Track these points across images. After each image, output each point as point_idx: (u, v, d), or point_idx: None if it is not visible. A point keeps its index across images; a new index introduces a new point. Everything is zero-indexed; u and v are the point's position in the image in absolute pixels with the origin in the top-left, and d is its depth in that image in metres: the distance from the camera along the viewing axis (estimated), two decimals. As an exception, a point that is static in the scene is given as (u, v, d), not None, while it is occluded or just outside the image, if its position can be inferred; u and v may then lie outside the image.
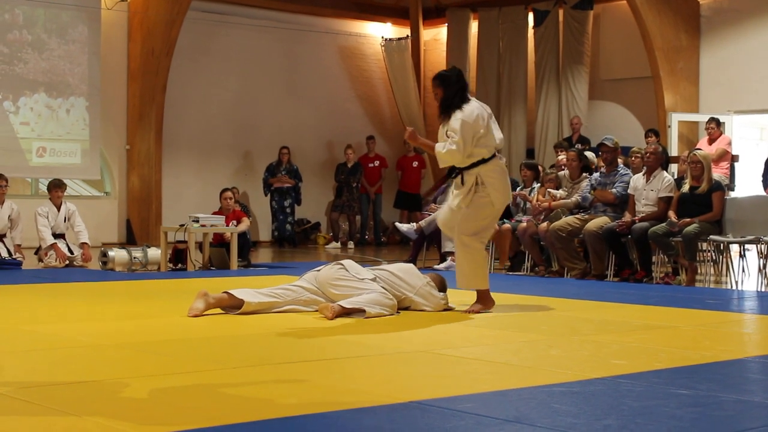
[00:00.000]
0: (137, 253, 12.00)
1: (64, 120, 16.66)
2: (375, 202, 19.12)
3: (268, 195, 18.11)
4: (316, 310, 7.20)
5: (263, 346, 5.80)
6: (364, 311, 7.02)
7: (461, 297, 7.89)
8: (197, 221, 11.89)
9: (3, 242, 12.53)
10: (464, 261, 7.74)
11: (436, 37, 20.94)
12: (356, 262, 7.69)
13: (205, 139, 18.48)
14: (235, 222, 12.45)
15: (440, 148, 7.63)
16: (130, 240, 17.18)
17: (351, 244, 18.17)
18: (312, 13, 19.70)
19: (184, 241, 12.04)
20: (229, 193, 12.92)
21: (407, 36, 20.34)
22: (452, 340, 6.11)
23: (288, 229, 18.01)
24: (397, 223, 14.08)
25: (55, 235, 12.68)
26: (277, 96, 19.33)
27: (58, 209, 12.84)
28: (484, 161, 7.64)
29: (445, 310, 7.60)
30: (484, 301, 7.73)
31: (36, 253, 12.87)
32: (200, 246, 12.24)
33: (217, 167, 18.52)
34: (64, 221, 12.86)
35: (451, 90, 7.66)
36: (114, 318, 7.15)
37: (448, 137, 7.61)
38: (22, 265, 12.16)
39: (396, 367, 5.12)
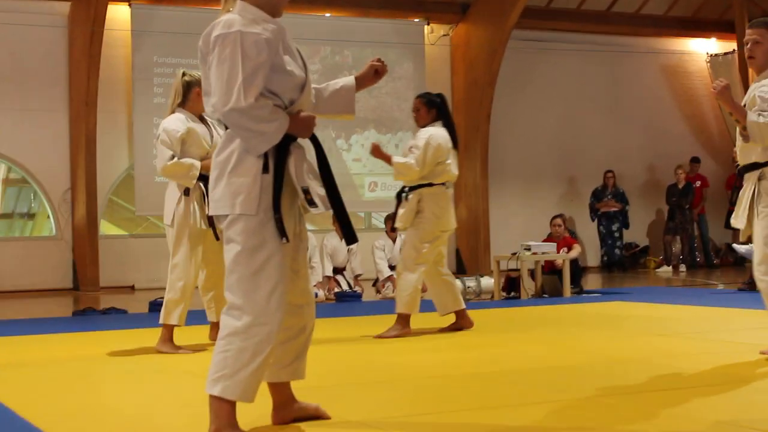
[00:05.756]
0: (471, 282, 12.20)
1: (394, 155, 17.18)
2: (699, 223, 18.56)
3: (595, 220, 17.98)
4: None
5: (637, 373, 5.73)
6: None
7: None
8: (529, 249, 11.95)
9: (343, 275, 13.08)
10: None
11: (764, 48, 20.08)
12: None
13: (530, 166, 18.58)
14: (565, 249, 12.42)
15: (398, 159, 8.03)
16: (459, 269, 17.48)
17: (683, 267, 17.68)
18: (634, 34, 19.43)
19: (516, 269, 12.13)
20: (559, 220, 12.92)
21: (734, 50, 19.67)
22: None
23: (617, 253, 17.80)
24: (734, 244, 13.60)
25: (392, 268, 13.07)
26: (601, 119, 19.19)
27: (394, 242, 13.25)
28: (430, 185, 8.07)
29: None
30: (398, 326, 7.98)
31: (374, 285, 13.35)
32: (532, 273, 12.30)
33: (542, 194, 18.56)
34: (400, 253, 13.22)
35: (433, 110, 8.20)
36: (457, 348, 7.28)
37: (410, 151, 8.00)
38: (361, 297, 12.66)
39: None
